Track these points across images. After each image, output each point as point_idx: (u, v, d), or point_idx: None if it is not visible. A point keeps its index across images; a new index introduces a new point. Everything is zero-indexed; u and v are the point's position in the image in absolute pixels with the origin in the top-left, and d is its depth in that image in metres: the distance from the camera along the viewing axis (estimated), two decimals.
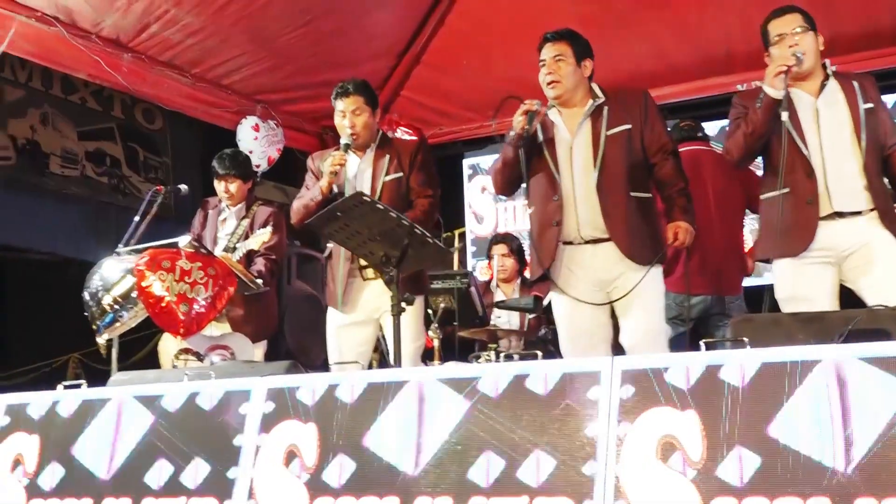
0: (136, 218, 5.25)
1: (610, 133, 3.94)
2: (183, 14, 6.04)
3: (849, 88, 3.81)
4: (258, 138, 7.03)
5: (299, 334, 5.99)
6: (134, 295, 4.62)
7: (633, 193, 3.92)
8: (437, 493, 2.51)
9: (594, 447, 2.34)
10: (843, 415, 2.12)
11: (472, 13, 7.11)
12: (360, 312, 4.39)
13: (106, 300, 4.74)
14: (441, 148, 7.89)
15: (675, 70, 6.90)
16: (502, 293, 6.08)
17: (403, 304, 3.60)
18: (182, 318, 4.49)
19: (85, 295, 4.82)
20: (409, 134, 7.84)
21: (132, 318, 4.79)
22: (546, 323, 5.77)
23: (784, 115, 3.67)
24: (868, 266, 3.69)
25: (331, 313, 4.46)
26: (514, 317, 6.00)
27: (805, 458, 2.12)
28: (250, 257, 5.16)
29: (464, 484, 2.48)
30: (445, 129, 8.20)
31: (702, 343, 2.51)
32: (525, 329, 5.91)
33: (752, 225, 5.29)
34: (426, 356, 4.74)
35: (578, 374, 2.45)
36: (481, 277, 7.09)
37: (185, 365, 4.37)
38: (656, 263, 3.92)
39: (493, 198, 8.58)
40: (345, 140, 4.38)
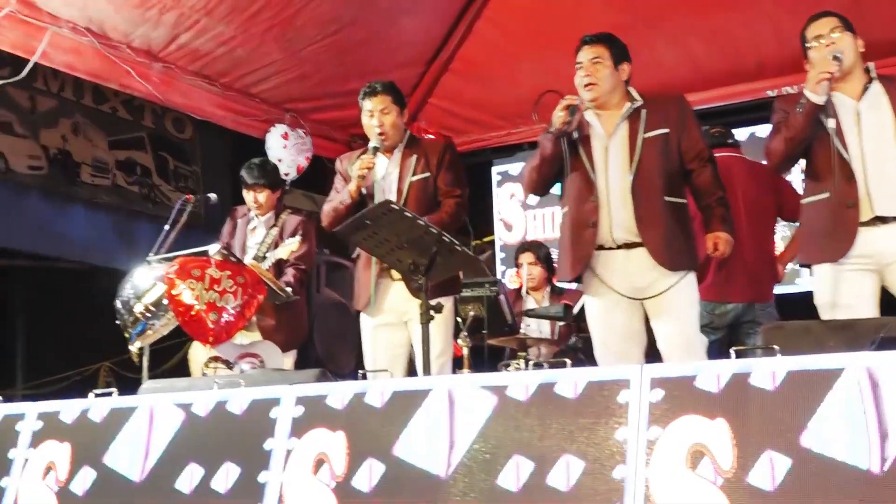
0: (167, 226, 5.30)
1: (647, 136, 3.92)
2: (213, 24, 6.11)
3: (893, 91, 3.75)
4: (287, 147, 7.08)
5: (328, 342, 6.02)
6: (165, 303, 4.64)
7: (667, 198, 3.89)
8: (468, 501, 2.51)
9: (624, 452, 2.34)
10: (878, 418, 2.10)
11: (500, 20, 7.12)
12: (389, 314, 4.37)
13: (137, 308, 4.77)
14: (469, 156, 7.87)
15: (705, 76, 6.88)
16: (533, 301, 6.08)
17: (432, 312, 3.60)
18: (211, 327, 4.50)
19: (117, 303, 4.86)
20: None
21: (164, 326, 4.82)
22: (576, 331, 5.76)
23: (831, 122, 3.65)
24: None
25: (363, 318, 4.46)
26: (544, 325, 5.99)
27: (838, 464, 2.10)
28: (280, 266, 5.18)
29: (493, 490, 2.49)
30: (474, 137, 8.19)
31: (732, 351, 2.50)
32: (555, 337, 5.90)
33: (782, 232, 5.26)
34: (455, 364, 4.74)
35: (608, 381, 2.45)
36: (510, 285, 7.08)
37: (214, 373, 4.41)
38: (690, 271, 3.90)
39: (521, 205, 8.56)
40: (373, 143, 4.39)
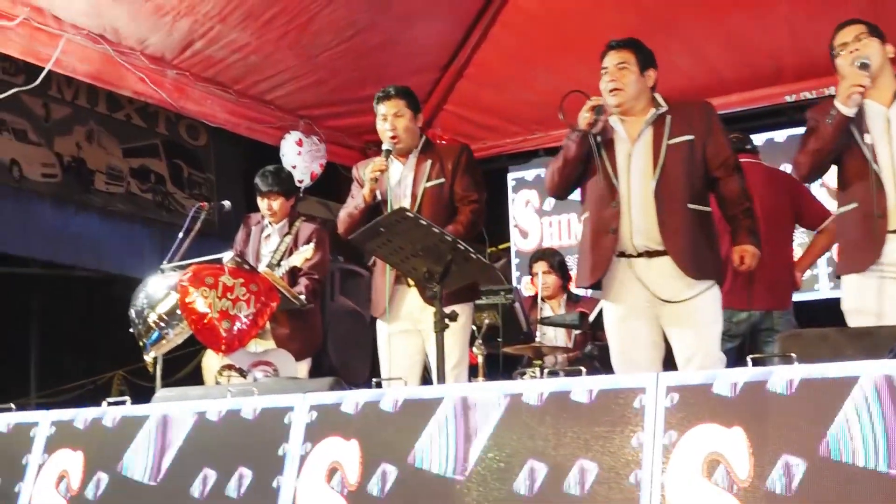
0: (180, 234, 5.33)
1: (671, 142, 3.89)
2: (227, 31, 6.14)
3: None
4: (302, 153, 7.11)
5: (343, 351, 6.02)
6: (179, 312, 4.66)
7: (691, 205, 3.85)
8: None
9: (639, 460, 2.34)
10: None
11: (516, 26, 7.12)
12: (405, 321, 4.37)
13: (151, 318, 4.80)
14: (485, 162, 7.82)
15: (722, 82, 6.87)
16: (549, 309, 6.08)
17: (446, 320, 3.60)
18: (224, 335, 4.52)
19: (131, 312, 4.89)
20: None
21: (178, 335, 4.84)
22: (592, 339, 5.76)
23: (867, 138, 3.65)
24: None
25: (379, 325, 4.45)
26: (559, 333, 5.99)
27: (857, 470, 2.10)
28: (294, 274, 5.20)
29: (508, 497, 2.49)
30: (489, 143, 8.21)
31: (749, 359, 2.50)
32: (571, 345, 5.90)
33: (800, 239, 5.24)
34: (470, 373, 4.74)
35: (623, 389, 2.45)
36: (526, 293, 7.08)
37: (228, 381, 4.42)
38: (714, 284, 3.87)
39: (537, 212, 8.56)
40: (386, 146, 4.39)
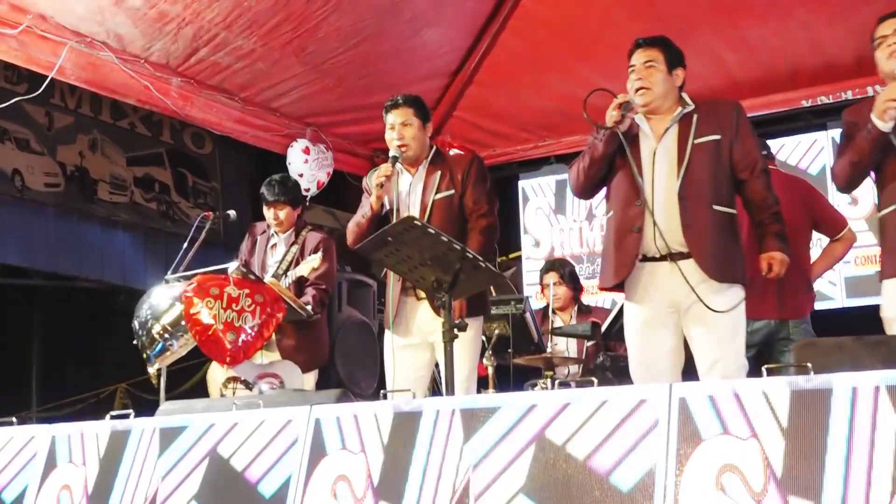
0: (185, 244, 5.34)
1: (697, 142, 3.86)
2: (233, 37, 6.16)
3: None
4: (309, 162, 7.12)
5: (350, 362, 6.02)
6: (183, 323, 4.67)
7: (716, 207, 3.83)
8: None
9: (653, 473, 2.34)
10: None
11: (526, 31, 7.12)
12: (415, 335, 4.37)
13: (155, 329, 4.80)
14: (495, 170, 7.84)
15: (737, 86, 6.85)
16: (560, 320, 6.07)
17: (456, 330, 3.60)
18: (229, 347, 4.51)
19: (134, 324, 4.90)
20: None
21: (182, 346, 4.84)
22: (605, 350, 5.75)
23: None
24: None
25: (387, 337, 4.44)
26: (571, 344, 5.98)
27: (874, 480, 2.10)
28: (300, 285, 5.21)
29: None
30: (499, 151, 8.22)
31: (764, 369, 2.49)
32: (583, 356, 5.89)
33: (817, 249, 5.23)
34: (480, 384, 4.74)
35: (637, 400, 2.45)
36: (536, 303, 7.07)
37: (233, 394, 4.42)
38: (739, 287, 3.84)
39: (548, 220, 8.56)
40: (393, 153, 4.37)
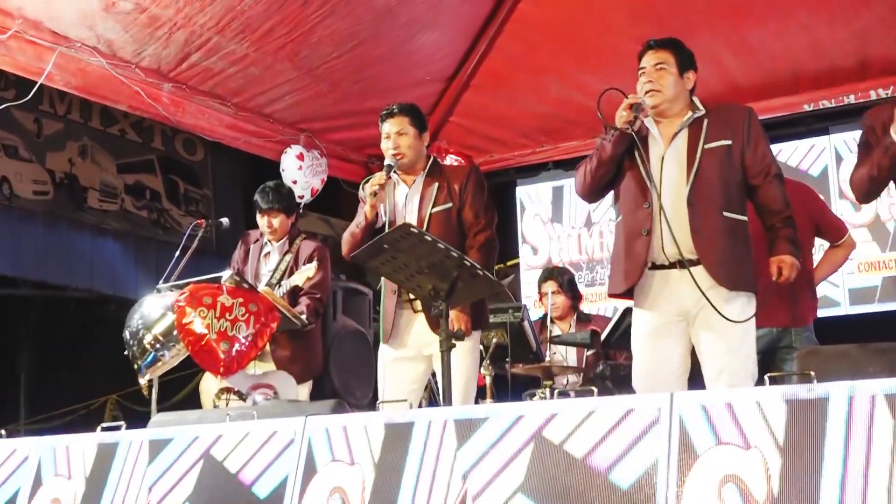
0: (177, 253, 5.34)
1: (708, 147, 3.85)
2: (225, 42, 6.16)
3: None
4: (303, 168, 7.11)
5: (345, 372, 6.02)
6: (175, 333, 4.66)
7: (726, 213, 3.82)
8: None
9: (654, 484, 2.34)
10: None
11: (523, 35, 7.12)
12: (410, 347, 4.37)
13: (147, 339, 4.78)
14: (492, 176, 7.84)
15: (738, 90, 6.85)
16: (558, 329, 6.07)
17: (453, 340, 3.60)
18: (222, 357, 4.50)
19: (125, 334, 4.88)
20: (458, 162, 7.86)
21: (174, 356, 4.83)
22: (604, 359, 5.75)
23: None
24: None
25: (382, 347, 4.45)
26: (570, 352, 5.98)
27: (870, 489, 2.10)
28: (294, 294, 5.21)
29: None
30: (497, 157, 8.23)
31: (766, 377, 2.50)
32: (582, 365, 5.89)
33: (819, 253, 5.23)
34: (478, 394, 4.74)
35: (638, 409, 2.45)
36: (535, 312, 7.07)
37: (226, 405, 4.42)
38: (750, 295, 3.84)
39: (546, 227, 8.56)
40: (387, 161, 4.37)
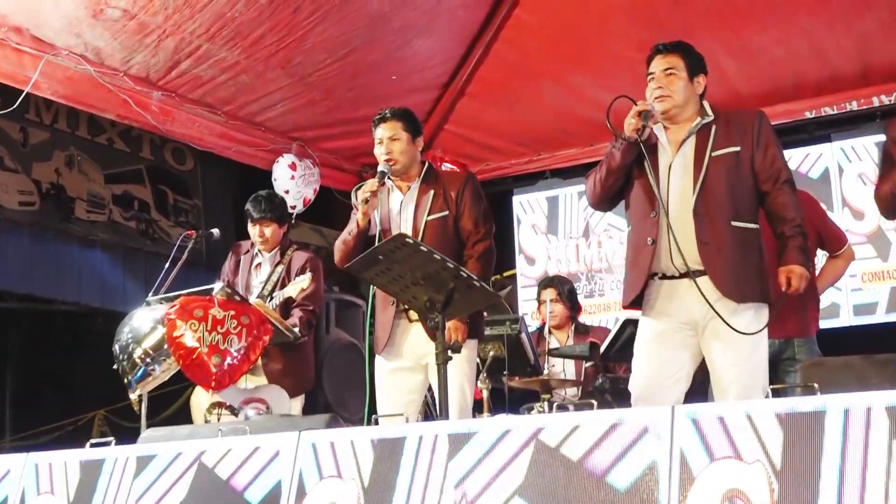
0: (167, 264, 5.34)
1: (715, 154, 3.85)
2: (216, 49, 6.17)
3: None
4: (295, 178, 7.11)
5: (339, 386, 6.02)
6: (166, 346, 4.66)
7: (734, 223, 3.81)
8: None
9: (655, 499, 2.34)
10: None
11: (520, 41, 7.12)
12: (406, 358, 4.36)
13: (137, 353, 4.78)
14: (488, 185, 7.78)
15: (739, 97, 6.85)
16: (556, 340, 6.08)
17: (450, 352, 3.61)
18: (214, 371, 4.49)
19: (115, 348, 4.88)
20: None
21: (165, 371, 4.82)
22: (604, 371, 5.76)
23: None
24: None
25: (378, 360, 4.44)
26: (569, 365, 5.98)
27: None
28: (287, 305, 5.21)
29: None
30: (493, 165, 8.24)
31: (769, 389, 2.50)
32: (581, 378, 5.89)
33: (820, 263, 5.24)
34: (475, 408, 4.74)
35: (638, 423, 2.46)
36: (532, 324, 7.08)
37: (218, 420, 4.42)
38: (761, 307, 3.81)
39: (544, 237, 8.57)
40: (381, 167, 4.36)
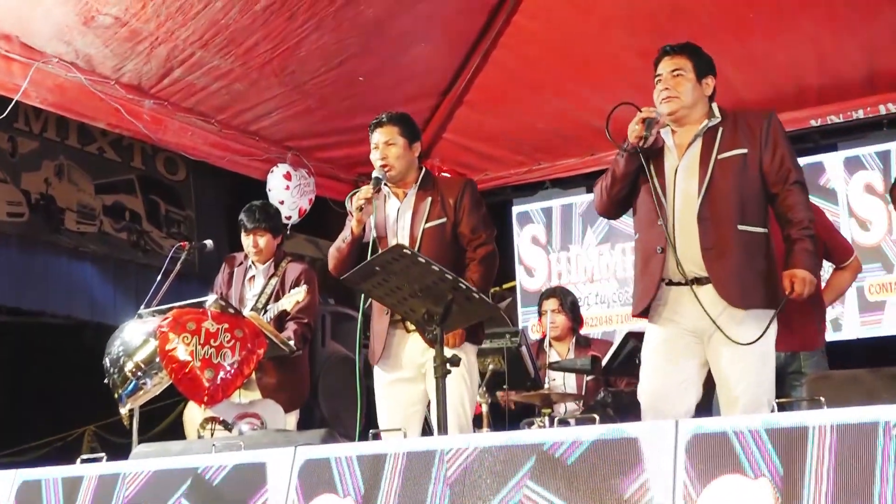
0: (159, 276, 5.34)
1: (721, 157, 3.84)
2: (209, 57, 6.17)
3: None
4: (290, 188, 7.10)
5: (335, 400, 6.02)
6: (158, 360, 4.65)
7: (741, 227, 3.79)
8: None
9: None
10: None
11: (519, 48, 7.12)
12: (406, 369, 4.34)
13: (128, 366, 4.77)
14: (488, 195, 7.72)
15: (742, 105, 6.82)
16: (556, 353, 6.07)
17: (448, 365, 3.60)
18: (207, 385, 4.48)
19: (105, 361, 4.87)
20: None
21: (156, 385, 4.81)
22: (605, 385, 5.75)
23: None
24: None
25: (376, 371, 4.42)
26: (570, 379, 5.98)
27: None
28: (281, 318, 5.21)
29: None
30: (492, 174, 8.23)
31: (775, 403, 2.51)
32: (583, 392, 5.88)
33: (826, 274, 5.24)
34: (474, 422, 4.73)
35: (641, 437, 2.46)
36: (533, 336, 7.07)
37: (211, 435, 4.41)
38: (770, 315, 3.76)
39: (544, 248, 8.57)
40: (376, 174, 4.35)
